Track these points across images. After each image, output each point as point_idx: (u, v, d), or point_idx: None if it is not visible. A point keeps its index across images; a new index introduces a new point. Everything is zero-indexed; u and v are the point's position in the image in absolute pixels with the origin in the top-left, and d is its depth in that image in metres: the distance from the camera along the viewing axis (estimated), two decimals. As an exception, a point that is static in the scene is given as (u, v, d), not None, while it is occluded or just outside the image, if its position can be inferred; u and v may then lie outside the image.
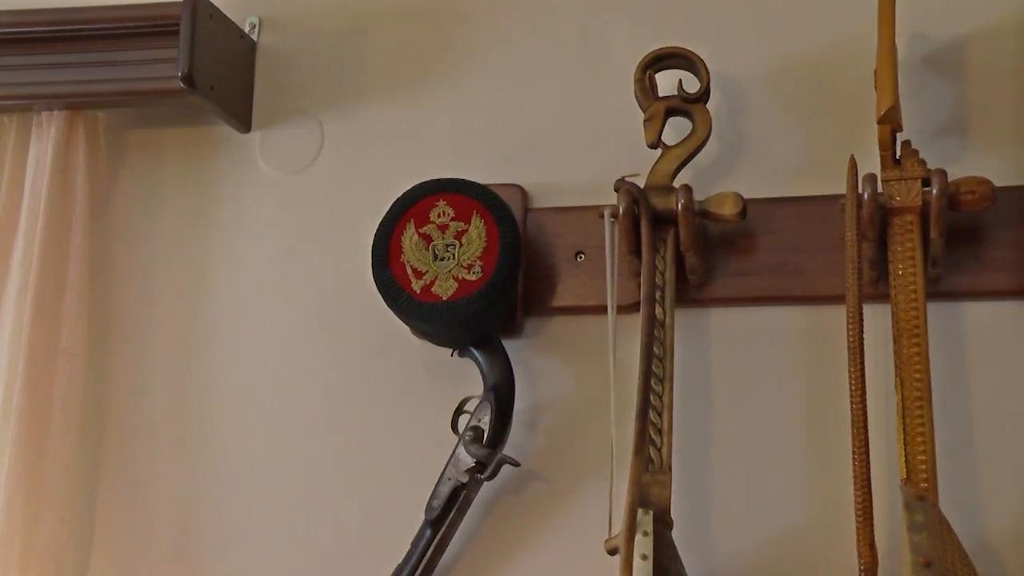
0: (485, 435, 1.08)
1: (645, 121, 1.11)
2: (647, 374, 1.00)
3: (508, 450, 1.10)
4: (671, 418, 1.02)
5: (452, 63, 1.24)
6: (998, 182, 1.01)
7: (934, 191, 1.00)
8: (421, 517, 1.09)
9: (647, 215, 1.05)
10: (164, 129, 1.28)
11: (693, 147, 1.11)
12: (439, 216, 1.12)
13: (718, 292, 1.12)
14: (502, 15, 1.24)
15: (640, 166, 1.10)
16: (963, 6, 1.13)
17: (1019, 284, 1.04)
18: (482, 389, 1.10)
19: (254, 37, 1.28)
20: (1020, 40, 1.11)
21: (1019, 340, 1.05)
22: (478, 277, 1.09)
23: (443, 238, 1.11)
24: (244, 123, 1.26)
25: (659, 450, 1.02)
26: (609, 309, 1.06)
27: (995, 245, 1.05)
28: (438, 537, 1.08)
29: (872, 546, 0.94)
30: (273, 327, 1.22)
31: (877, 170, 1.03)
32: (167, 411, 1.22)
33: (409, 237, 1.11)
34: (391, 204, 1.13)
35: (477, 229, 1.11)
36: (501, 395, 1.09)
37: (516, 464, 1.09)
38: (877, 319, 1.03)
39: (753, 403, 1.09)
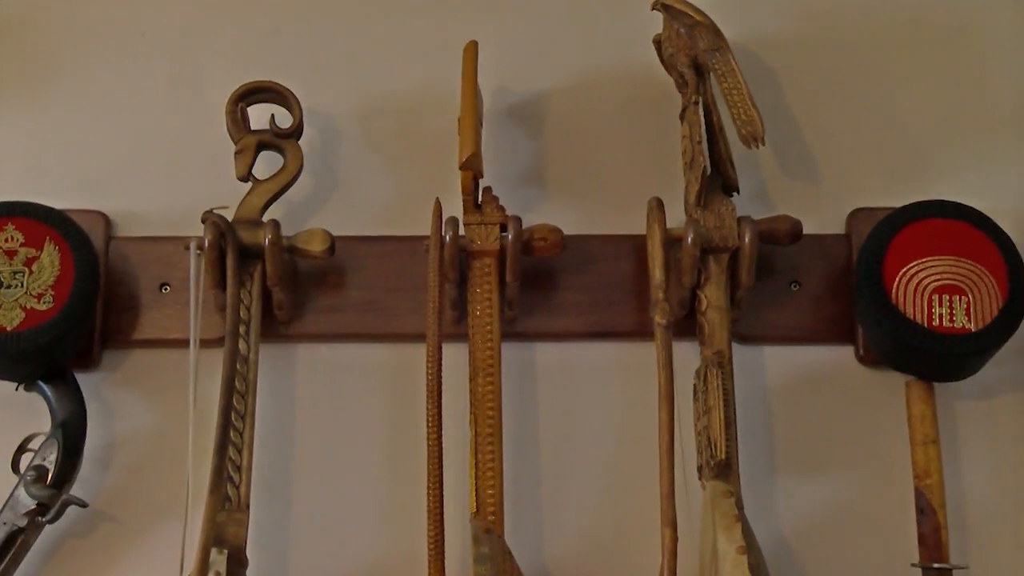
0: (50, 475, 1.02)
1: (236, 153, 1.10)
2: (227, 409, 0.98)
3: (77, 490, 1.04)
4: (251, 455, 1.01)
5: (29, 78, 1.17)
6: (568, 231, 1.07)
7: (510, 236, 1.05)
8: (-30, 567, 1.01)
9: (233, 248, 1.04)
10: None
11: (284, 182, 1.11)
12: (7, 241, 1.05)
13: (306, 328, 1.11)
14: (87, 32, 1.18)
15: (230, 199, 1.08)
16: (544, 64, 1.19)
17: (585, 327, 1.11)
18: (50, 426, 1.04)
19: None
20: (593, 98, 1.19)
21: (584, 379, 1.11)
22: (49, 307, 1.03)
23: (11, 265, 1.04)
24: None
25: (237, 488, 1.00)
26: (191, 343, 1.04)
27: (565, 290, 1.11)
28: (-11, 587, 1.01)
29: (442, 578, 0.97)
30: None
31: (460, 214, 1.07)
32: None
33: (-29, 263, 1.04)
34: (-48, 227, 1.05)
35: (50, 256, 1.05)
36: (70, 432, 1.04)
37: (83, 504, 1.04)
38: (458, 358, 1.07)
39: (336, 439, 1.09)
